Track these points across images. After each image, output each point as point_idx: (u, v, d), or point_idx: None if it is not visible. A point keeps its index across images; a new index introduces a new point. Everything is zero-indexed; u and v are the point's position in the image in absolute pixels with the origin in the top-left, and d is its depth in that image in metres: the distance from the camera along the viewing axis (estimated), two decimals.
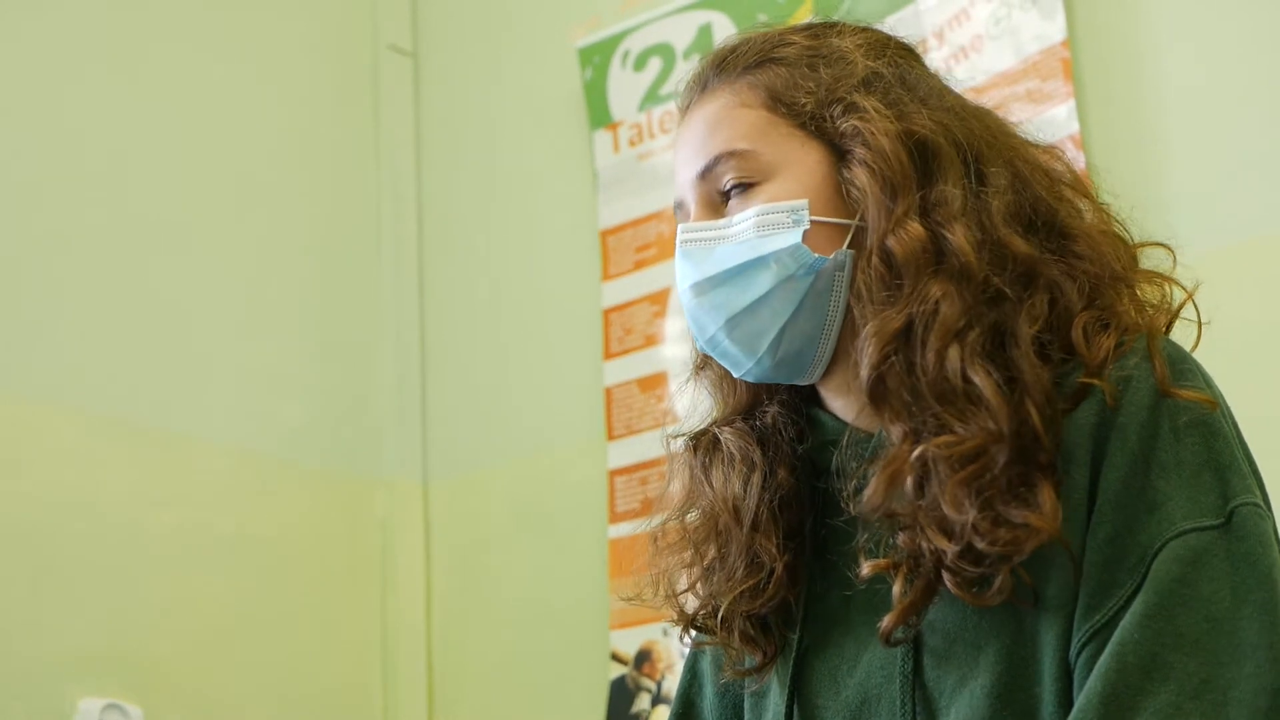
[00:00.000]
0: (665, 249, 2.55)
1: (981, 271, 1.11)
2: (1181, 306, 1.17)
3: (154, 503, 2.43)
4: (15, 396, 2.31)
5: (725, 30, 2.51)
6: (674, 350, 2.50)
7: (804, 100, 1.19)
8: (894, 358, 1.11)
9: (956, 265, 1.12)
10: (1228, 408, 1.11)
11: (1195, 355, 1.14)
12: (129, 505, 2.40)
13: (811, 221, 1.16)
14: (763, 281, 1.17)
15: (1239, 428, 1.11)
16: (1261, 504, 1.07)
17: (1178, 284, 1.18)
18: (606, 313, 2.60)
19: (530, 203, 2.80)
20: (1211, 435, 1.07)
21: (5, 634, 2.22)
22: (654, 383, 2.53)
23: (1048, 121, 2.09)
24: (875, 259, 1.14)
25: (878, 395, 1.12)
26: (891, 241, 1.13)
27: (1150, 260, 1.20)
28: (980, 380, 1.08)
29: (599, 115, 2.67)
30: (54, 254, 2.42)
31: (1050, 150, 1.23)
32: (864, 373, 1.12)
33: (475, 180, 2.88)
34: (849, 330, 1.17)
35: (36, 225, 2.41)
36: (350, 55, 2.94)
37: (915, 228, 1.13)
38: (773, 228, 1.17)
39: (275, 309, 2.71)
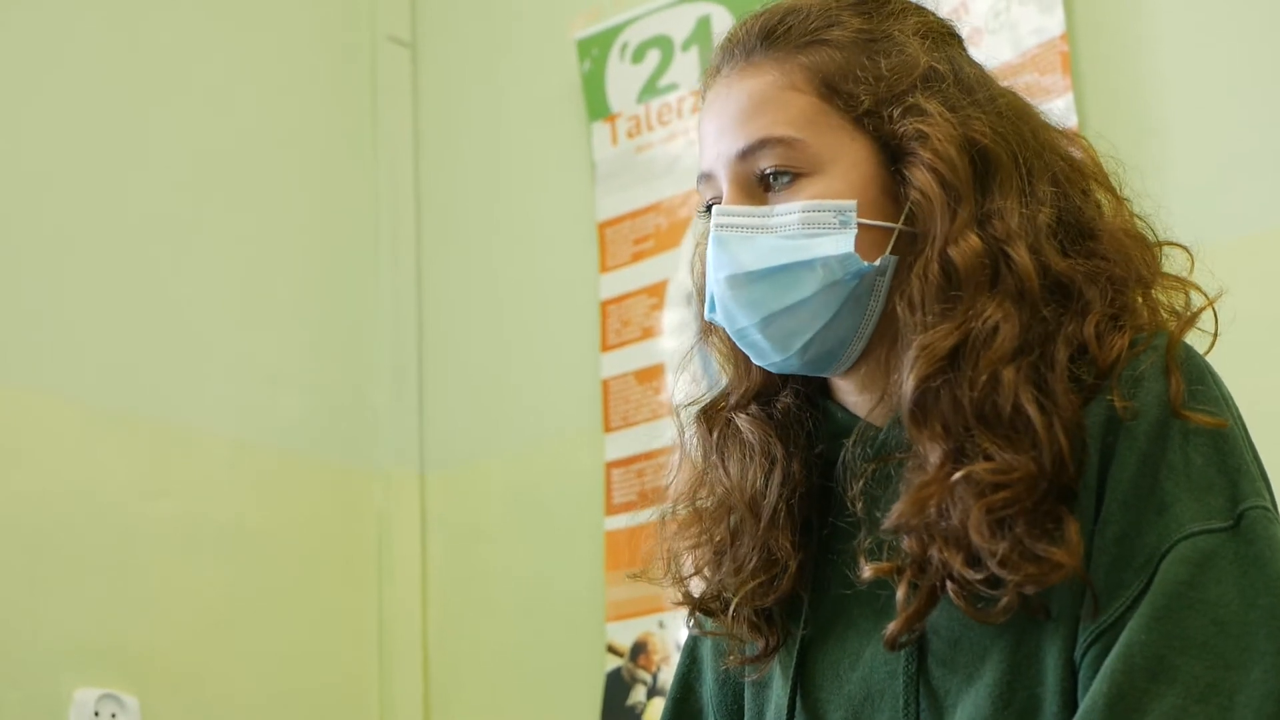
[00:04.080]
0: (663, 241, 2.55)
1: (1039, 295, 1.10)
2: (1200, 312, 1.15)
3: (150, 494, 2.43)
4: (12, 387, 2.31)
5: (724, 22, 2.51)
6: (672, 342, 2.49)
7: (861, 94, 1.15)
8: (944, 375, 1.09)
9: (1015, 286, 1.10)
10: (1237, 411, 1.11)
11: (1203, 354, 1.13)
12: (125, 496, 2.40)
13: (858, 224, 1.13)
14: (807, 285, 1.14)
15: (1248, 431, 1.11)
16: (1271, 508, 1.06)
17: (1198, 289, 1.16)
18: (604, 305, 2.60)
19: (528, 194, 2.79)
20: (1221, 438, 1.07)
21: (2, 624, 2.22)
22: (651, 375, 2.53)
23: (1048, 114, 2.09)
24: (935, 267, 1.11)
25: (919, 412, 1.09)
26: (953, 251, 1.10)
27: (1169, 260, 1.19)
28: (1031, 410, 1.06)
29: (597, 107, 2.67)
30: (52, 246, 2.42)
31: (1074, 138, 1.21)
32: (908, 387, 1.09)
33: (473, 172, 2.87)
34: (882, 331, 1.15)
35: (34, 217, 2.40)
36: (348, 46, 2.93)
37: (975, 240, 1.10)
38: (819, 227, 1.13)
39: (273, 300, 2.71)
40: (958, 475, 1.06)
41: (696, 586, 1.26)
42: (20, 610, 2.24)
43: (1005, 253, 1.11)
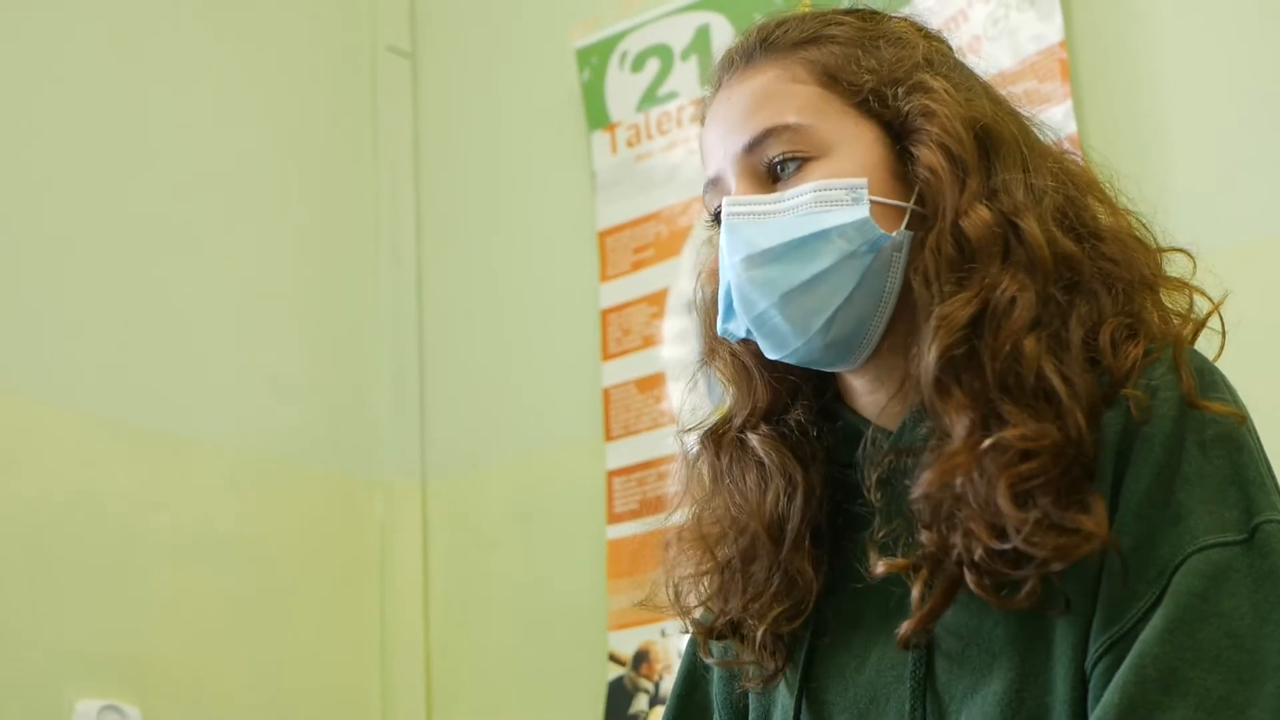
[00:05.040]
0: (663, 250, 2.55)
1: (1051, 269, 1.10)
2: (1208, 317, 1.16)
3: (152, 503, 2.43)
4: (13, 396, 2.31)
5: (723, 31, 2.51)
6: (672, 351, 2.50)
7: (865, 78, 1.16)
8: (966, 344, 1.08)
9: (1026, 258, 1.10)
10: (1251, 422, 1.10)
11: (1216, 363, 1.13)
12: (127, 505, 2.40)
13: (870, 201, 1.13)
14: (824, 256, 1.13)
15: (1261, 442, 1.10)
16: None
17: (1203, 294, 1.17)
18: (604, 313, 2.60)
19: (528, 203, 2.80)
20: (1237, 450, 1.06)
21: (3, 634, 2.21)
22: (652, 383, 2.53)
23: (1045, 122, 2.09)
24: (948, 239, 1.11)
25: (944, 382, 1.09)
26: (965, 223, 1.11)
27: (1170, 265, 1.19)
28: (1055, 380, 1.06)
29: (597, 116, 2.67)
30: (53, 254, 2.42)
31: (1067, 152, 1.22)
32: (931, 358, 1.08)
33: (473, 181, 2.88)
34: (899, 316, 1.15)
35: (35, 225, 2.41)
36: (349, 57, 2.94)
37: (985, 212, 1.11)
38: (831, 204, 1.13)
39: (274, 310, 2.71)
40: (987, 443, 1.05)
41: (702, 615, 1.25)
42: (22, 621, 2.24)
43: (1014, 224, 1.11)
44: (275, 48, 2.83)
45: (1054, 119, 2.09)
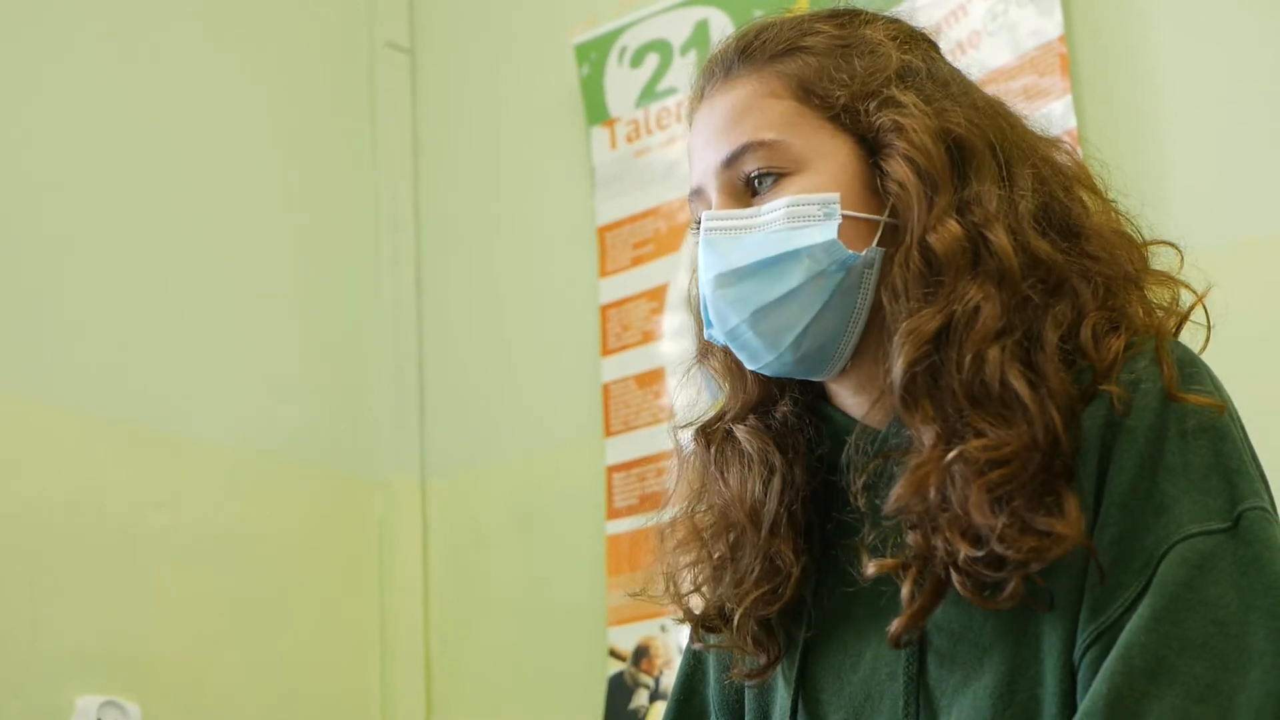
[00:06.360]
0: (662, 245, 2.55)
1: (1021, 276, 1.11)
2: (1191, 309, 1.16)
3: (152, 502, 2.43)
4: (13, 396, 2.31)
5: (722, 26, 2.51)
6: (671, 346, 2.50)
7: (837, 92, 1.17)
8: (930, 359, 1.10)
9: (995, 267, 1.11)
10: (1235, 411, 1.11)
11: (1202, 357, 1.14)
12: (127, 504, 2.40)
13: (842, 216, 1.14)
14: (793, 276, 1.14)
15: (1246, 431, 1.11)
16: (1269, 509, 1.06)
17: (1188, 287, 1.17)
18: (604, 309, 2.60)
19: (527, 199, 2.79)
20: (1219, 439, 1.07)
21: (4, 632, 2.22)
22: (652, 379, 2.53)
23: (1044, 117, 2.07)
24: (915, 255, 1.12)
25: (910, 395, 1.10)
26: (933, 238, 1.11)
27: (1157, 259, 1.19)
28: (1019, 385, 1.07)
29: (596, 111, 2.67)
30: (52, 255, 2.42)
31: (1057, 143, 1.22)
32: (897, 372, 1.10)
33: (472, 177, 2.87)
34: (873, 328, 1.16)
35: (35, 225, 2.41)
36: (347, 52, 2.93)
37: (954, 226, 1.12)
38: (804, 220, 1.14)
39: (273, 308, 2.71)
40: (951, 454, 1.07)
41: (696, 603, 1.26)
42: (22, 618, 2.25)
43: (984, 236, 1.12)
44: (274, 44, 2.83)
45: (1053, 114, 2.09)
